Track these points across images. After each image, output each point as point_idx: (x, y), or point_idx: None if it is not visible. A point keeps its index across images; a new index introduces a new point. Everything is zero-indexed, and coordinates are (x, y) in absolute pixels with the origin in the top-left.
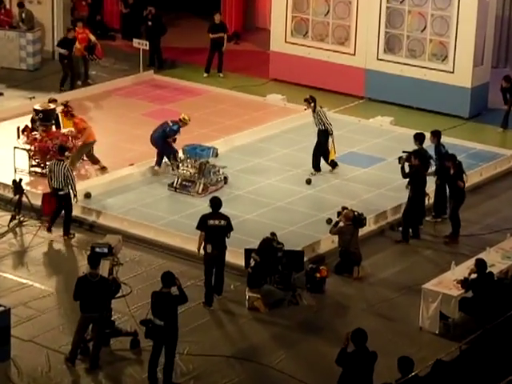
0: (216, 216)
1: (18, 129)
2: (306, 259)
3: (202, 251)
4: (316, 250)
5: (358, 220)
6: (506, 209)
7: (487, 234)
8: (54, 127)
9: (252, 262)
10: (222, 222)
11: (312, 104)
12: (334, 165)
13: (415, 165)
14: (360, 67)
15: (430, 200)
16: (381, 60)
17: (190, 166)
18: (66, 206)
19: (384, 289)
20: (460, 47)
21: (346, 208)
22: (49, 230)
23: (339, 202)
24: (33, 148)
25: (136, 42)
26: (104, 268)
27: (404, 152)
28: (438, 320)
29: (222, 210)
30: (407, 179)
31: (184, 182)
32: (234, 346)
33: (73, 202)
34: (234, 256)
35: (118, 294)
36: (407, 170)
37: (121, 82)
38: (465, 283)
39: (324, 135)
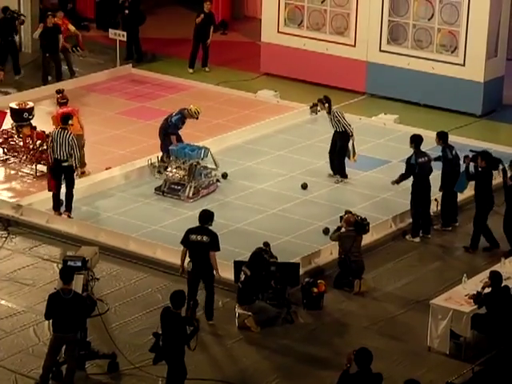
0: (200, 231)
1: None
2: (301, 272)
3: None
4: (313, 262)
5: (359, 225)
6: None
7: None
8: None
9: (242, 276)
10: (205, 239)
11: (326, 105)
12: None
13: (482, 167)
14: (361, 60)
15: (438, 207)
16: (384, 52)
17: (178, 168)
18: (68, 179)
19: (389, 304)
20: (471, 37)
21: (350, 212)
22: (57, 210)
23: (338, 208)
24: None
25: (112, 33)
26: (77, 283)
27: (471, 151)
28: (448, 339)
29: None
30: (471, 181)
31: (173, 186)
32: (223, 370)
33: (75, 175)
34: (223, 269)
35: (94, 312)
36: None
37: (95, 77)
38: (478, 298)
39: (343, 138)
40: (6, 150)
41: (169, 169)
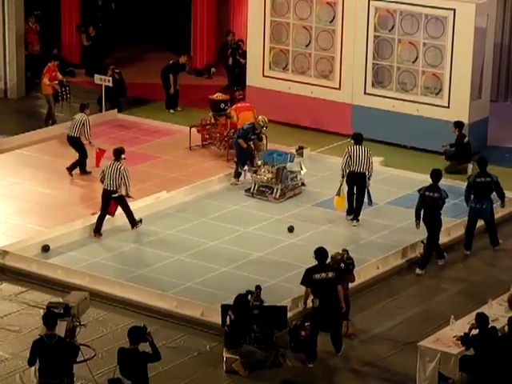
0: (323, 269)
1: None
2: (289, 315)
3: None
4: (301, 304)
5: (344, 264)
6: (509, 258)
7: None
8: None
9: (228, 320)
10: (330, 275)
11: (352, 141)
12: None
13: None
14: (346, 102)
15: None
16: (369, 94)
17: (266, 171)
18: (122, 206)
19: (377, 346)
20: (455, 79)
21: (347, 250)
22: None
23: None
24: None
25: (98, 78)
26: (60, 330)
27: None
28: (436, 381)
29: (200, 262)
30: None
31: (261, 188)
32: None
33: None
34: (210, 313)
35: (81, 358)
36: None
37: None
38: (465, 340)
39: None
40: (206, 136)
41: (258, 172)
